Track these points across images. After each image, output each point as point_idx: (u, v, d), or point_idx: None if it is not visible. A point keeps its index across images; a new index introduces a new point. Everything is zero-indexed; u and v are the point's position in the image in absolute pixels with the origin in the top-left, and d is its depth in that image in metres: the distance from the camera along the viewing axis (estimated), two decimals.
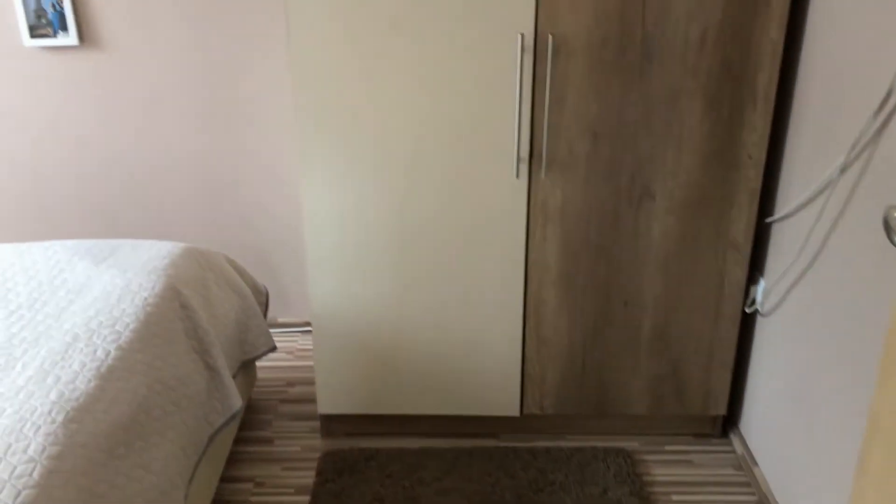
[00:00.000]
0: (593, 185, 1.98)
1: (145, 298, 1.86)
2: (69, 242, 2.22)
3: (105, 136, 2.63)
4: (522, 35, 1.84)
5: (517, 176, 1.97)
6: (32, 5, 2.45)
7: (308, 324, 2.93)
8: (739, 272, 2.04)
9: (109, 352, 1.64)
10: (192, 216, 2.74)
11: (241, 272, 2.36)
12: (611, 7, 1.82)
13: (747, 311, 2.11)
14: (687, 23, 1.82)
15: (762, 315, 2.07)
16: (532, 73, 1.88)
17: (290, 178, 2.68)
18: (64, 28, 2.48)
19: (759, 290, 2.06)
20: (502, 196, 1.99)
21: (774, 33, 1.82)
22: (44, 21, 2.47)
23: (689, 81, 1.87)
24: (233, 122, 2.61)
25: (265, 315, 2.41)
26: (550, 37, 1.84)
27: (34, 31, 2.48)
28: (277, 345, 2.84)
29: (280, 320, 2.92)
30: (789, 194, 1.90)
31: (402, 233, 2.04)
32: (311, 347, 2.82)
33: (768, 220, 2.01)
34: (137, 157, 2.66)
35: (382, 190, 1.99)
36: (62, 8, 2.45)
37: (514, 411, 2.23)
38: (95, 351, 1.63)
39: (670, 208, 1.99)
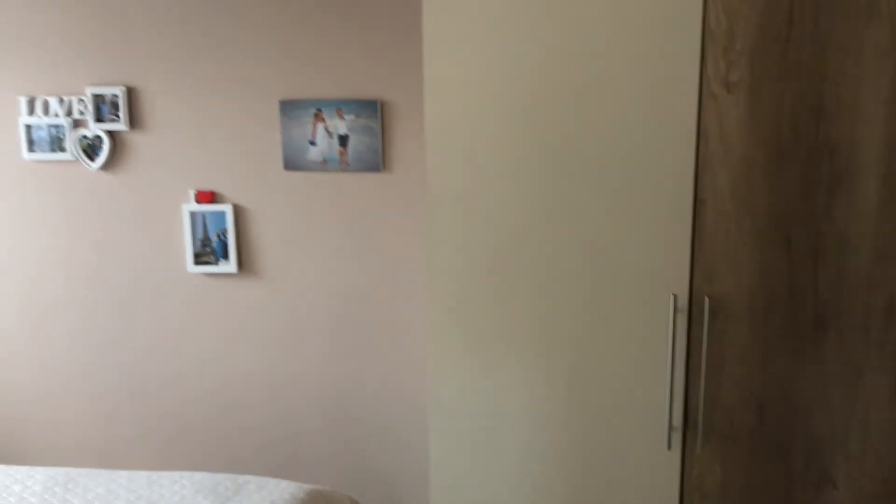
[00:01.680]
0: (760, 464, 1.71)
1: None
2: (197, 476, 2.18)
3: (251, 358, 2.67)
4: (675, 296, 1.68)
5: (668, 447, 1.74)
6: (200, 234, 2.59)
7: None
8: None
9: None
10: (319, 443, 2.67)
11: None
12: (776, 268, 1.64)
13: None
14: (869, 290, 1.60)
15: None
16: (686, 335, 1.70)
17: (420, 405, 2.57)
18: (225, 256, 2.59)
19: None
20: (651, 469, 1.76)
21: None
22: (208, 249, 2.60)
23: (873, 357, 1.62)
24: (367, 349, 2.58)
25: None
26: (707, 298, 1.67)
27: (199, 259, 2.61)
28: None
29: None
30: None
31: (538, 495, 1.83)
32: None
33: None
34: (275, 380, 2.67)
35: (516, 445, 1.82)
36: (226, 238, 2.57)
37: None
38: None
39: (858, 502, 1.67)
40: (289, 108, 2.47)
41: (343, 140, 2.45)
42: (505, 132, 1.73)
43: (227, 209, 2.57)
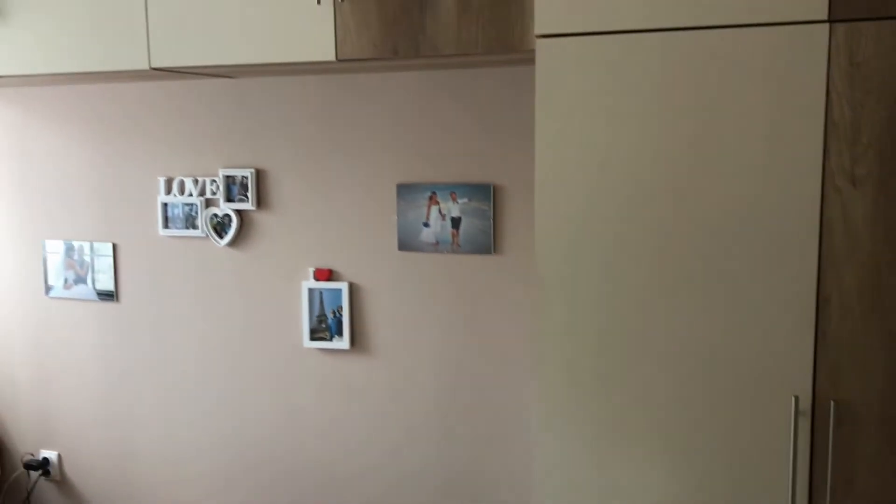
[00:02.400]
0: None
1: None
2: None
3: (361, 432, 2.69)
4: (797, 397, 1.59)
5: None
6: (317, 311, 2.67)
7: None
8: None
9: None
10: None
11: None
12: None
13: None
14: None
15: None
16: (810, 443, 1.59)
17: (526, 490, 2.50)
18: (339, 333, 2.65)
19: None
20: None
21: None
22: (323, 325, 2.67)
23: None
24: (475, 429, 2.55)
25: None
26: (832, 403, 1.57)
27: (314, 334, 2.68)
28: None
29: None
30: None
31: None
32: None
33: None
34: (383, 455, 2.67)
35: None
36: (341, 315, 2.64)
37: None
38: None
39: None
40: (405, 191, 2.53)
41: (456, 222, 2.49)
42: (615, 219, 1.70)
43: (343, 287, 2.64)
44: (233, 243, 2.77)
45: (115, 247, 2.92)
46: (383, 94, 2.55)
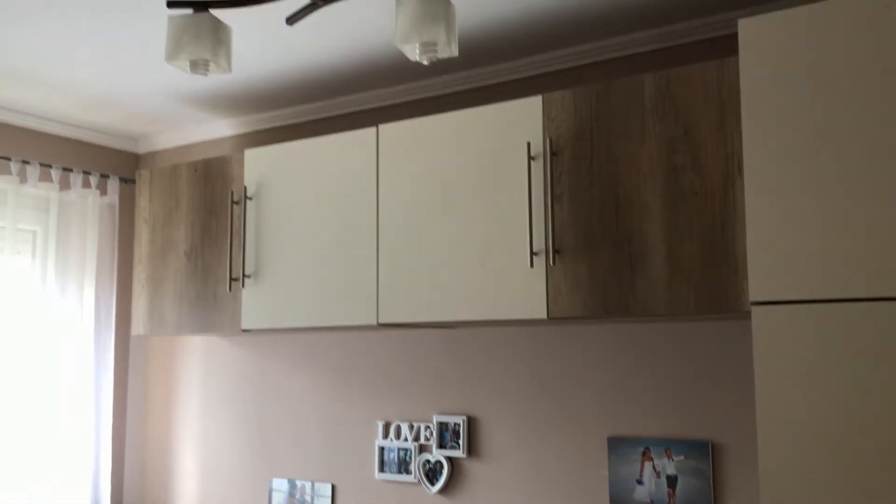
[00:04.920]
0: None
1: None
2: None
3: None
4: None
5: None
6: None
7: None
8: None
9: None
10: None
11: None
12: None
13: None
14: None
15: None
16: None
17: None
18: None
19: None
20: None
21: None
22: None
23: None
24: None
25: None
26: None
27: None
28: None
29: None
30: None
31: None
32: None
33: None
34: None
35: None
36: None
37: None
38: None
39: None
40: (616, 445, 2.47)
41: (671, 481, 2.37)
42: (849, 485, 1.55)
43: None
44: (443, 490, 2.79)
45: (333, 488, 3.04)
46: (594, 345, 2.58)
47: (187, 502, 3.43)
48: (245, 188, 2.86)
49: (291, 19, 1.69)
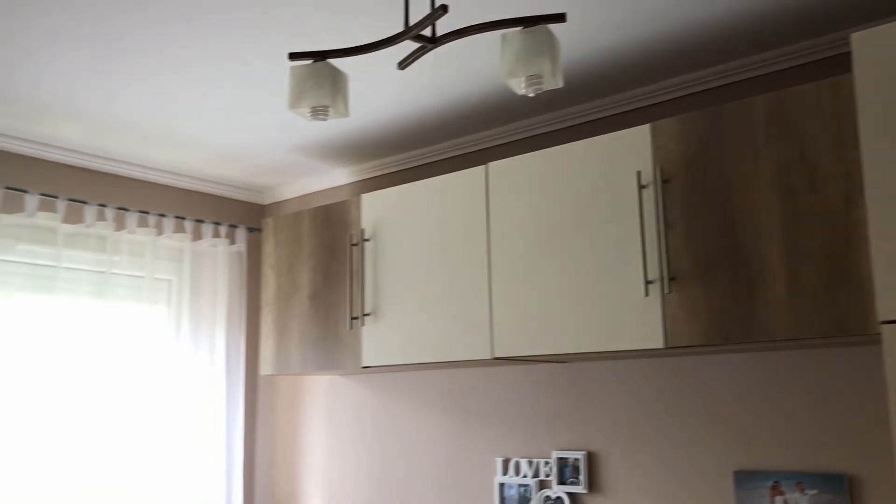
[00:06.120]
0: None
1: None
2: None
3: None
4: None
5: None
6: None
7: None
8: None
9: None
10: None
11: None
12: None
13: None
14: None
15: None
16: None
17: None
18: None
19: None
20: None
21: None
22: None
23: None
24: None
25: None
26: None
27: None
28: None
29: None
30: None
31: None
32: None
33: None
34: None
35: None
36: None
37: None
38: None
39: None
40: (743, 479, 2.39)
41: None
42: None
43: None
44: None
45: None
46: (715, 376, 2.51)
47: None
48: (363, 231, 2.97)
49: (403, 63, 1.78)
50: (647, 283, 2.23)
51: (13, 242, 3.08)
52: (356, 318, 2.94)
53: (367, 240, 2.97)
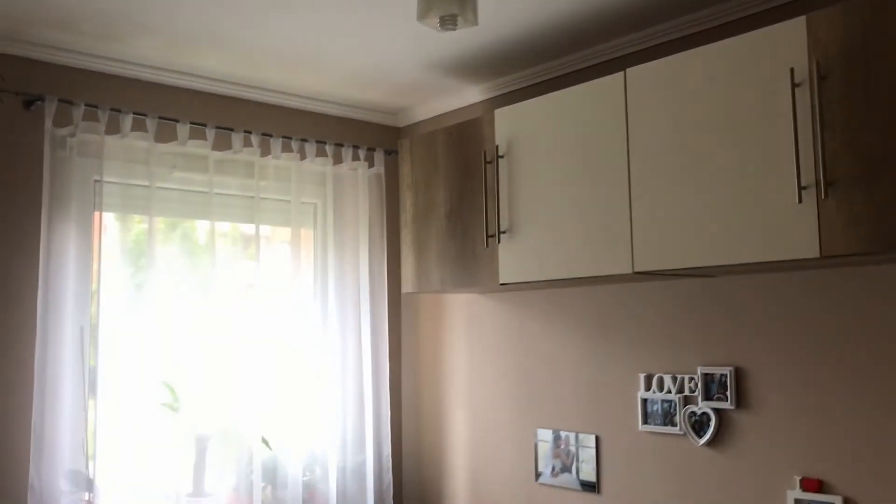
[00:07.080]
0: None
1: None
2: None
3: None
4: None
5: None
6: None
7: None
8: None
9: None
10: None
11: None
12: None
13: None
14: None
15: None
16: None
17: None
18: None
19: None
20: None
21: None
22: None
23: None
24: None
25: None
26: None
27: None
28: None
29: None
30: None
31: None
32: None
33: None
34: None
35: None
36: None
37: None
38: None
39: None
40: None
41: None
42: None
43: (836, 501, 2.37)
44: (711, 443, 2.70)
45: (597, 439, 3.06)
46: (874, 289, 2.35)
47: (459, 449, 3.64)
48: (497, 147, 2.94)
49: None
50: (801, 188, 2.09)
51: (168, 171, 3.26)
52: (492, 235, 2.94)
53: (501, 156, 2.94)
